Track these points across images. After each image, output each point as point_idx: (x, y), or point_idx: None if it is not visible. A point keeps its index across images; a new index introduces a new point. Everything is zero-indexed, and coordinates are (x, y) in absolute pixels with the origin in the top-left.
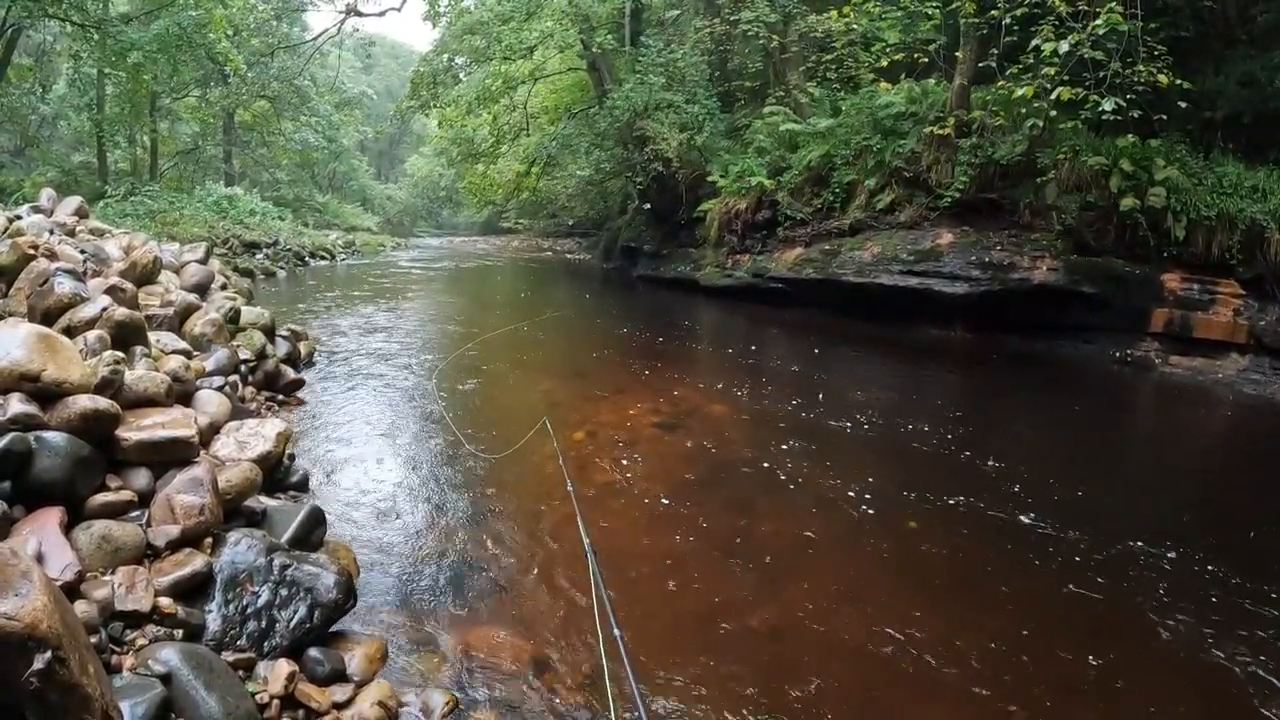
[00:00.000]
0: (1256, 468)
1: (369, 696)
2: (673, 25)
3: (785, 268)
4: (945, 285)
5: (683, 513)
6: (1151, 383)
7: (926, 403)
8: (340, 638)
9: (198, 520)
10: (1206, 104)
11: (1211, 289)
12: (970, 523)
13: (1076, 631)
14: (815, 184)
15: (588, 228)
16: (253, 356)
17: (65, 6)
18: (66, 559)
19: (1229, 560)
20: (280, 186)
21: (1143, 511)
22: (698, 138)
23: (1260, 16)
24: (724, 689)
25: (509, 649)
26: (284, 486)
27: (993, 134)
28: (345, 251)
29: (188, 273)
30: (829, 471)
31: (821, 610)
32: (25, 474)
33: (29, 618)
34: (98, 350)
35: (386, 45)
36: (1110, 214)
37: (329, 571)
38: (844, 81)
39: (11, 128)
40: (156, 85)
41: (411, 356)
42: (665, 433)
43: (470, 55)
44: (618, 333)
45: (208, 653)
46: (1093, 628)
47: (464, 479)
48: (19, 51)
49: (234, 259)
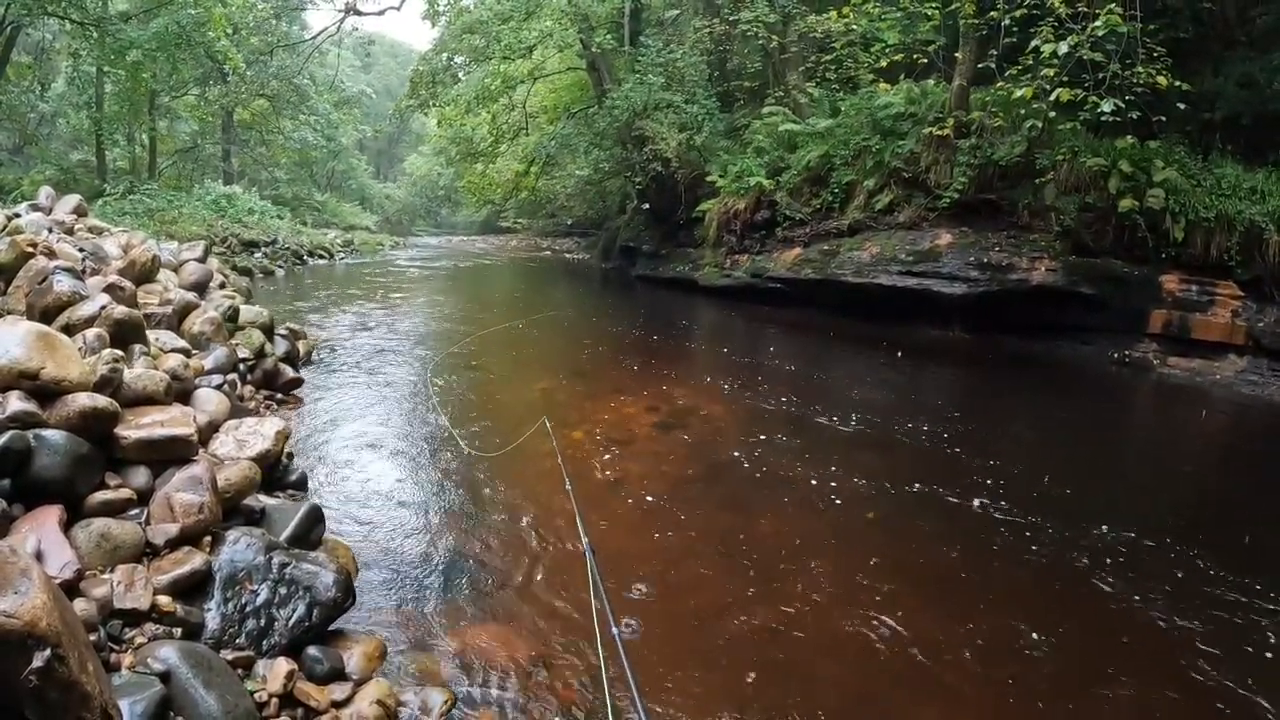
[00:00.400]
0: (1254, 468)
1: (368, 695)
2: (672, 25)
3: (784, 268)
4: (944, 286)
5: (681, 512)
6: (1150, 384)
7: (924, 403)
8: (339, 636)
9: (197, 519)
10: (1205, 105)
11: (1210, 290)
12: (967, 522)
13: (1075, 632)
14: (814, 184)
15: (586, 227)
16: (251, 355)
17: (64, 4)
18: (65, 557)
19: (1226, 559)
20: (279, 185)
21: (1140, 512)
22: (697, 138)
23: (1259, 18)
24: (722, 687)
25: (508, 647)
26: (283, 485)
27: (992, 135)
28: (344, 250)
29: (186, 271)
30: (827, 471)
31: (819, 609)
32: (24, 472)
33: (28, 615)
34: (97, 348)
35: (386, 44)
36: (1109, 215)
37: (328, 570)
38: (843, 82)
39: (10, 125)
40: (155, 83)
41: (410, 356)
42: (663, 432)
43: (469, 54)
44: (616, 332)
45: (207, 651)
46: (1092, 629)
47: (462, 478)
48: (18, 49)
49: (232, 257)
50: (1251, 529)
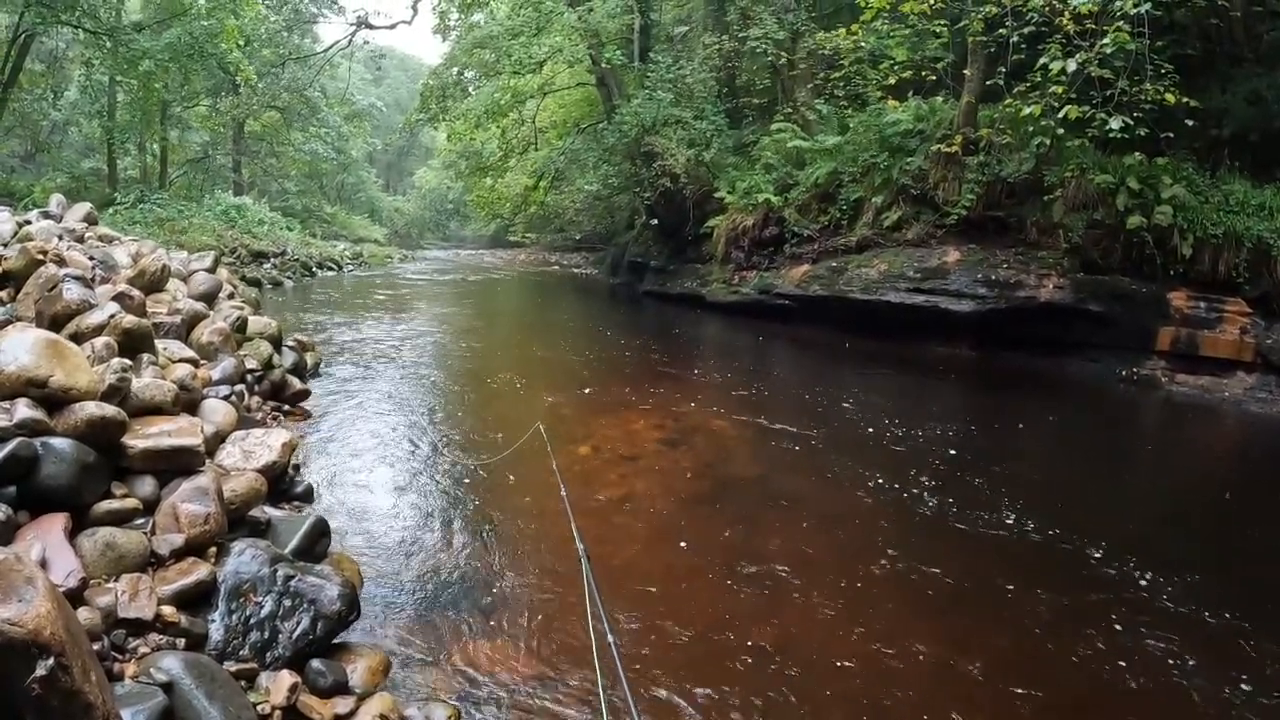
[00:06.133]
0: (1263, 486)
1: (371, 709)
2: (681, 41)
3: (792, 284)
4: (952, 303)
5: (685, 528)
6: (1157, 401)
7: (931, 420)
8: (343, 649)
9: (202, 529)
10: (1213, 122)
11: (1218, 307)
12: (973, 541)
13: (1080, 653)
14: (822, 201)
15: (595, 242)
16: (259, 366)
17: (78, 14)
18: (70, 565)
19: (1234, 582)
20: (289, 197)
21: (1147, 531)
22: (705, 154)
23: (1267, 35)
24: (721, 703)
25: (512, 661)
26: (289, 497)
27: (1000, 152)
28: (352, 263)
29: (195, 281)
30: (832, 488)
31: (822, 627)
32: (31, 479)
33: (32, 624)
34: (105, 357)
35: (396, 58)
36: (1117, 232)
37: (332, 583)
38: (852, 99)
39: (23, 133)
40: (167, 94)
41: (417, 369)
42: (669, 448)
43: (479, 69)
44: (624, 348)
45: (210, 662)
46: (1096, 651)
47: (467, 491)
48: (32, 57)
49: (241, 268)
50: (1262, 549)
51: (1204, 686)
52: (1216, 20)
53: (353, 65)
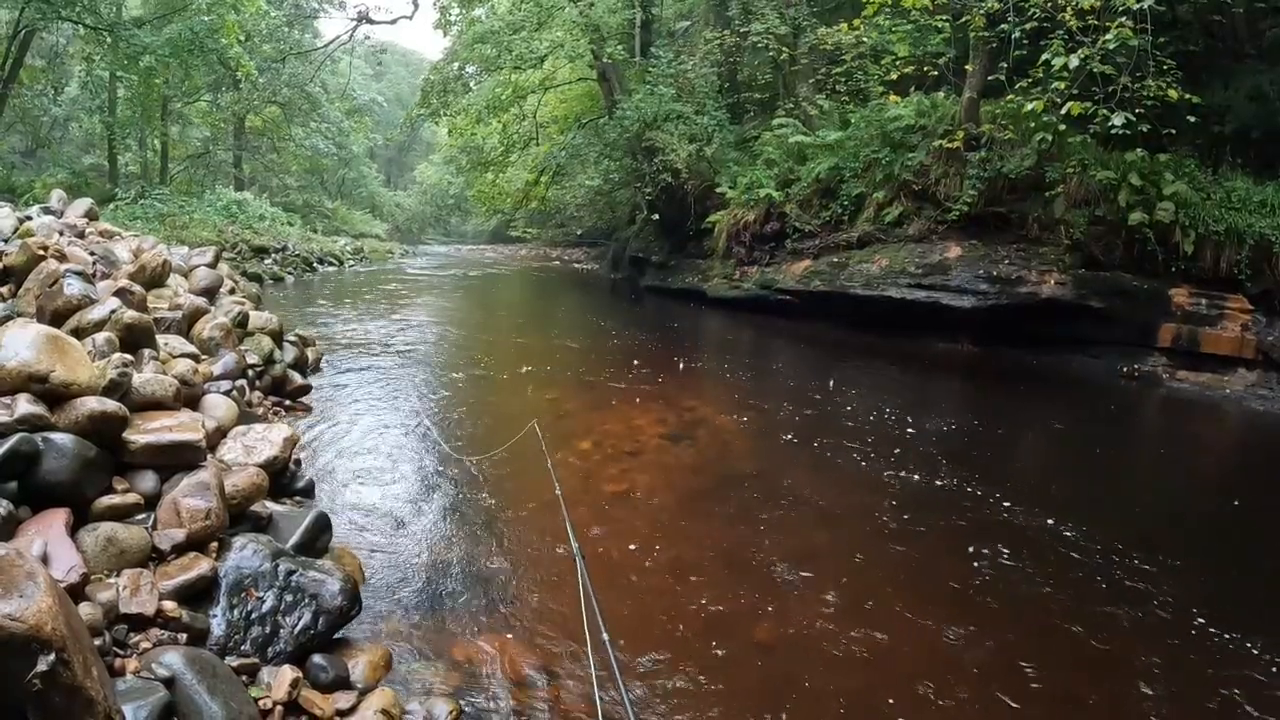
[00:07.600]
0: (1263, 483)
1: (372, 704)
2: (683, 37)
3: (793, 279)
4: (953, 299)
5: (687, 523)
6: (1159, 397)
7: (932, 416)
8: (344, 644)
9: (203, 524)
10: (1215, 119)
11: (1219, 304)
12: (975, 537)
13: (1083, 649)
14: (824, 196)
15: (596, 237)
16: (260, 361)
17: (78, 9)
18: (71, 561)
19: (1238, 578)
20: (290, 192)
21: (1149, 527)
22: (707, 149)
23: (1269, 31)
24: (720, 701)
25: (514, 658)
26: (290, 492)
27: (1001, 148)
28: (353, 258)
29: (196, 276)
30: (833, 484)
31: (823, 624)
32: (32, 475)
33: (33, 619)
34: (106, 352)
35: (397, 53)
36: (1118, 228)
37: (334, 578)
38: (853, 94)
39: (23, 129)
40: (168, 89)
41: (418, 364)
42: (671, 443)
43: (481, 64)
44: (625, 343)
45: (211, 657)
46: (1098, 646)
47: (469, 487)
48: (32, 53)
49: (242, 264)
50: (1265, 546)
51: (1203, 686)
52: (1219, 16)
53: (354, 60)
